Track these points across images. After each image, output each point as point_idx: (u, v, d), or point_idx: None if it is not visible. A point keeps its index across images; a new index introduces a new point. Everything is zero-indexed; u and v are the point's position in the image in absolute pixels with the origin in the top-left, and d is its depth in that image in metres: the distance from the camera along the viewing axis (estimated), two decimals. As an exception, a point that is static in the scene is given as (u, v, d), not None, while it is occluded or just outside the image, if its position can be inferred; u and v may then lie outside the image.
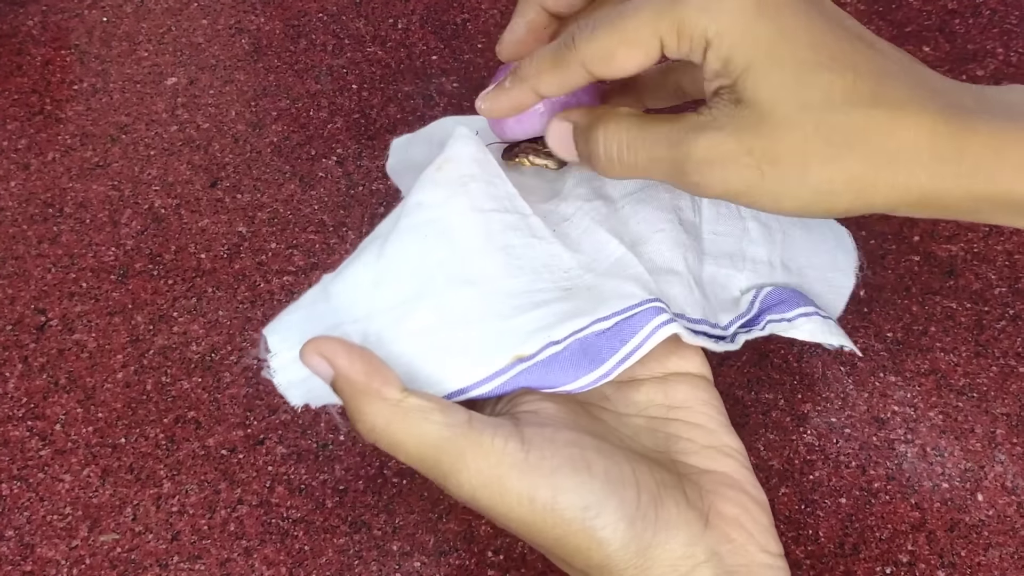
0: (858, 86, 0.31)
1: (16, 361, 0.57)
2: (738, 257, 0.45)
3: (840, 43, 0.31)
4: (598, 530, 0.30)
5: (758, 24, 0.31)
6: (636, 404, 0.39)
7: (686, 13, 0.31)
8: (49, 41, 0.75)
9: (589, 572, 0.31)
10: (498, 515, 0.31)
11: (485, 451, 0.31)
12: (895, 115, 0.30)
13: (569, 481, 0.30)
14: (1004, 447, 0.51)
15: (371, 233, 0.41)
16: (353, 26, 0.76)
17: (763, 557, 0.33)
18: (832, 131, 0.30)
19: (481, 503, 0.31)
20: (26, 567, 0.49)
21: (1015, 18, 0.72)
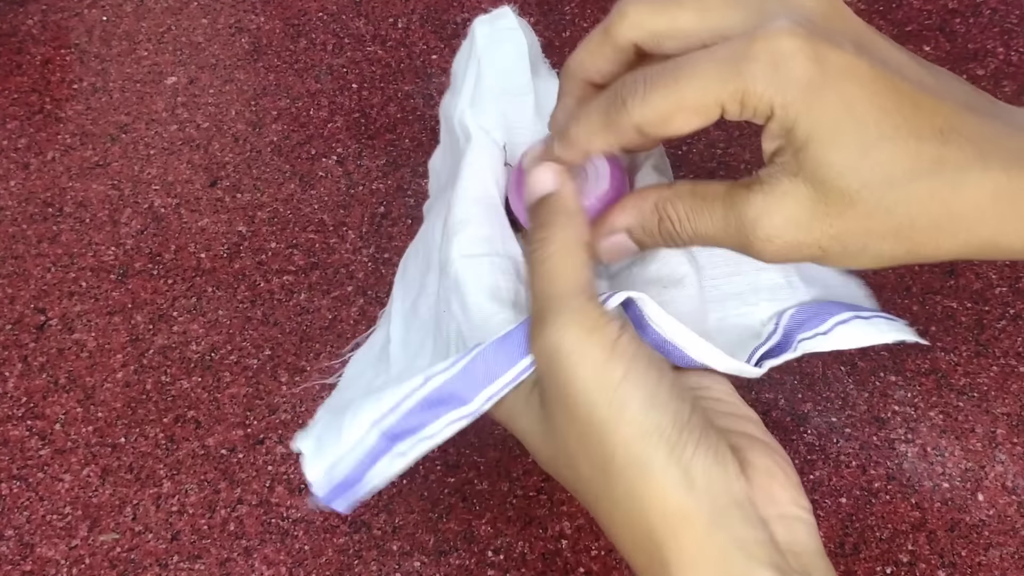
0: (921, 154, 0.31)
1: (16, 360, 0.57)
2: (748, 293, 0.43)
3: (903, 107, 0.31)
4: (651, 424, 0.30)
5: (823, 97, 0.30)
6: None
7: (751, 83, 0.31)
8: (49, 40, 0.75)
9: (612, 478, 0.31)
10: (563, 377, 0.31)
11: (592, 317, 0.32)
12: (958, 180, 0.31)
13: (642, 370, 0.31)
14: (1005, 447, 0.51)
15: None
16: (353, 25, 0.76)
17: (795, 509, 0.32)
18: (895, 206, 0.31)
19: (561, 359, 0.31)
20: (26, 567, 0.49)
21: (1015, 17, 0.72)
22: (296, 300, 0.59)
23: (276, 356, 0.57)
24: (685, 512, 0.30)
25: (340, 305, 0.59)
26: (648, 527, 0.30)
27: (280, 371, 0.56)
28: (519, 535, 0.49)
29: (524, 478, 0.52)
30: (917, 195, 0.31)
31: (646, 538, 0.30)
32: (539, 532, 0.49)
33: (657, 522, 0.30)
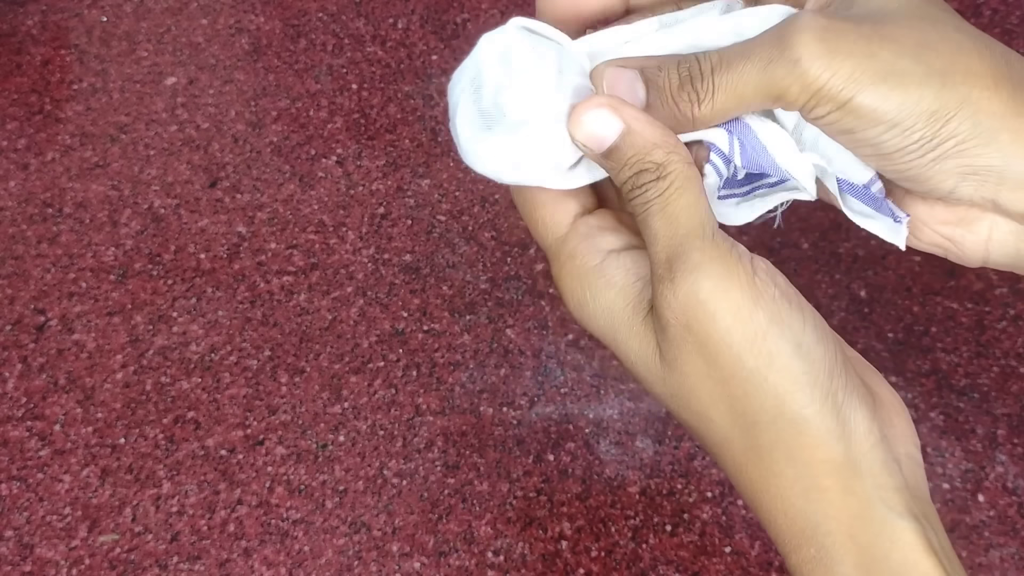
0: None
1: (15, 361, 0.57)
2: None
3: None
4: (800, 372, 0.29)
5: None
6: None
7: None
8: (48, 41, 0.75)
9: (762, 429, 0.29)
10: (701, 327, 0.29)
11: (723, 254, 0.29)
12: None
13: (786, 314, 0.29)
14: (1005, 448, 0.51)
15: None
16: (353, 26, 0.75)
17: (914, 449, 0.32)
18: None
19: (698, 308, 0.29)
20: (25, 567, 0.49)
21: (1016, 18, 0.72)
22: (296, 301, 0.59)
23: (276, 356, 0.57)
24: (836, 462, 0.29)
25: (340, 305, 0.59)
26: (794, 476, 0.29)
27: (280, 371, 0.56)
28: (519, 536, 0.49)
29: (524, 479, 0.52)
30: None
31: (790, 489, 0.29)
32: (539, 533, 0.49)
33: (804, 472, 0.29)
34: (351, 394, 0.55)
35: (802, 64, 0.27)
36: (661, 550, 0.50)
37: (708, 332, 0.29)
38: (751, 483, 0.31)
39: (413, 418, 0.55)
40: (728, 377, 0.29)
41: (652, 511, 0.51)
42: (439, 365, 0.57)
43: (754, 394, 0.29)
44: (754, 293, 0.29)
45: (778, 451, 0.29)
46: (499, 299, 0.59)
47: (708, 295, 0.29)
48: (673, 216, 0.30)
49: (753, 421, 0.29)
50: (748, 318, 0.29)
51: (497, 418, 0.55)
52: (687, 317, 0.29)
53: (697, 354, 0.29)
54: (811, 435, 0.29)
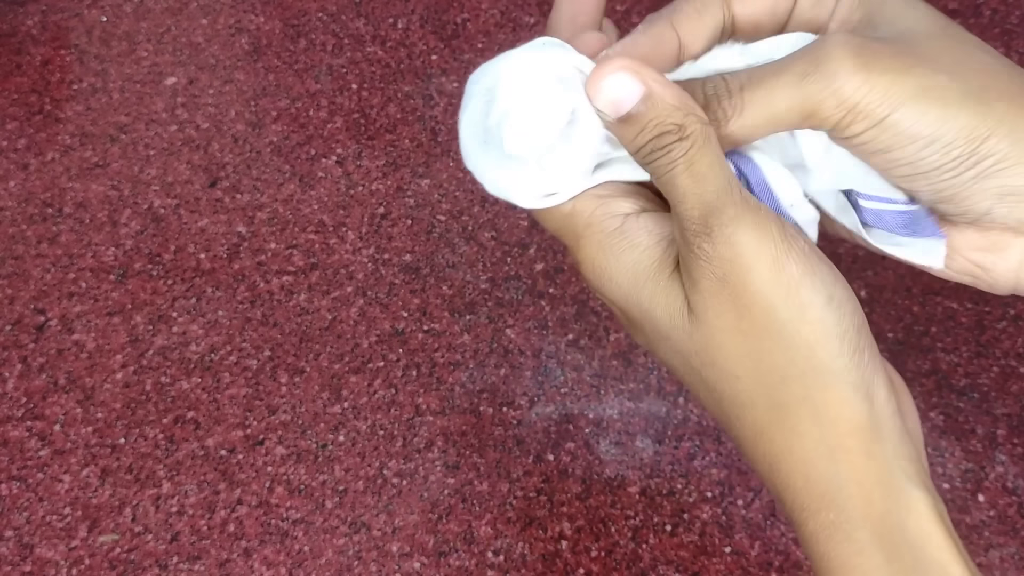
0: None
1: (15, 361, 0.57)
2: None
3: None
4: (832, 324, 0.29)
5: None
6: None
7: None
8: (48, 41, 0.75)
9: (789, 385, 0.30)
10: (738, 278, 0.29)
11: (754, 209, 0.29)
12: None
13: (817, 267, 0.30)
14: (1005, 448, 0.51)
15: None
16: (353, 26, 0.75)
17: (920, 432, 0.33)
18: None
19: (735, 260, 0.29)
20: (25, 567, 0.49)
21: (1016, 18, 0.72)
22: (296, 301, 0.59)
23: (276, 356, 0.57)
24: (860, 423, 0.29)
25: (340, 305, 0.59)
26: (819, 436, 0.29)
27: (280, 371, 0.56)
28: (519, 536, 0.49)
29: (524, 479, 0.52)
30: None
31: (814, 449, 0.30)
32: (539, 533, 0.49)
33: (830, 431, 0.29)
34: (351, 394, 0.55)
35: (839, 79, 0.27)
36: (661, 550, 0.50)
37: (744, 283, 0.29)
38: (771, 444, 0.30)
39: (413, 418, 0.55)
40: (760, 329, 0.29)
41: (652, 511, 0.51)
42: (439, 365, 0.57)
43: (785, 346, 0.29)
44: (787, 246, 0.29)
45: (804, 408, 0.29)
46: (499, 299, 0.59)
47: (745, 247, 0.29)
48: (700, 174, 0.30)
49: (781, 376, 0.30)
50: (783, 269, 0.29)
51: (497, 418, 0.55)
52: (724, 270, 0.29)
53: (730, 307, 0.29)
54: (839, 390, 0.29)
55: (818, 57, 0.28)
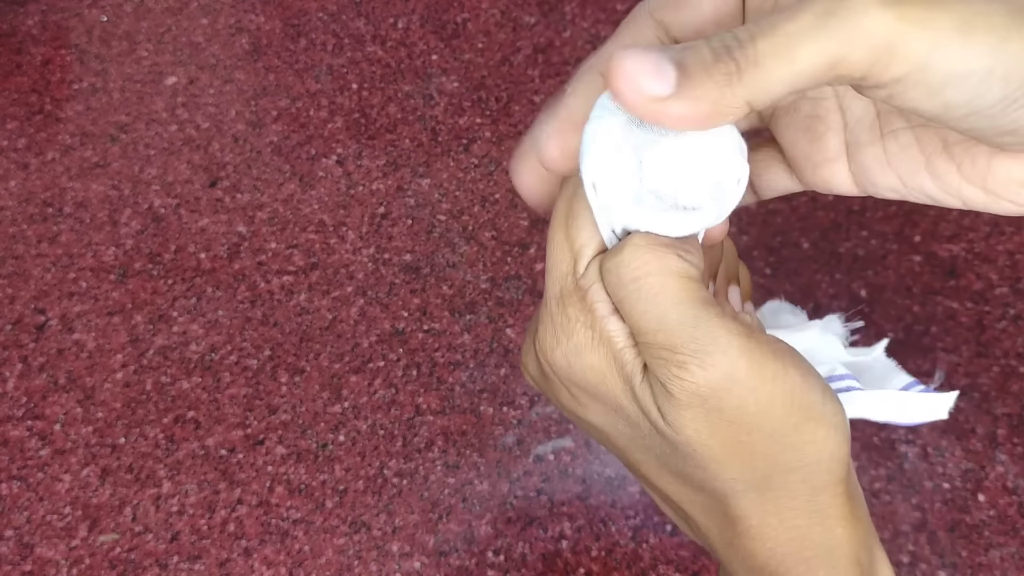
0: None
1: (16, 361, 0.57)
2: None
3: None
4: (831, 416, 0.29)
5: None
6: None
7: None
8: (48, 40, 0.75)
9: (792, 474, 0.30)
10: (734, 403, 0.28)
11: (735, 327, 0.28)
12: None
13: (802, 363, 0.29)
14: (1005, 447, 0.51)
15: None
16: (353, 25, 0.75)
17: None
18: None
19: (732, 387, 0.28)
20: (25, 567, 0.49)
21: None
22: (296, 300, 0.59)
23: (276, 356, 0.57)
24: (846, 489, 0.30)
25: (340, 305, 0.59)
26: (813, 506, 0.30)
27: (280, 371, 0.56)
28: (519, 536, 0.49)
29: (524, 479, 0.52)
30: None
31: (807, 516, 0.30)
32: (539, 533, 0.49)
33: (823, 500, 0.30)
34: (351, 394, 0.55)
35: (868, 16, 0.23)
36: (661, 550, 0.50)
37: (745, 407, 0.28)
38: (761, 519, 0.30)
39: (413, 418, 0.55)
40: (765, 438, 0.29)
41: (652, 511, 0.51)
42: (439, 365, 0.57)
43: (792, 447, 0.29)
44: (779, 354, 0.28)
45: (803, 486, 0.29)
46: (499, 299, 0.59)
47: (745, 374, 0.27)
48: (663, 305, 0.28)
49: (786, 468, 0.29)
50: (783, 383, 0.28)
51: (497, 418, 0.55)
52: (718, 398, 0.28)
53: (727, 426, 0.28)
54: (837, 471, 0.29)
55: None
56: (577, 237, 0.30)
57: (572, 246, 0.30)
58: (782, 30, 0.24)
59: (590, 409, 0.32)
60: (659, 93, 0.25)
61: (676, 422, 0.29)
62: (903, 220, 0.60)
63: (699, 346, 0.27)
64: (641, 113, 0.25)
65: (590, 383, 0.31)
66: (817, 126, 0.32)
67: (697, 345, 0.27)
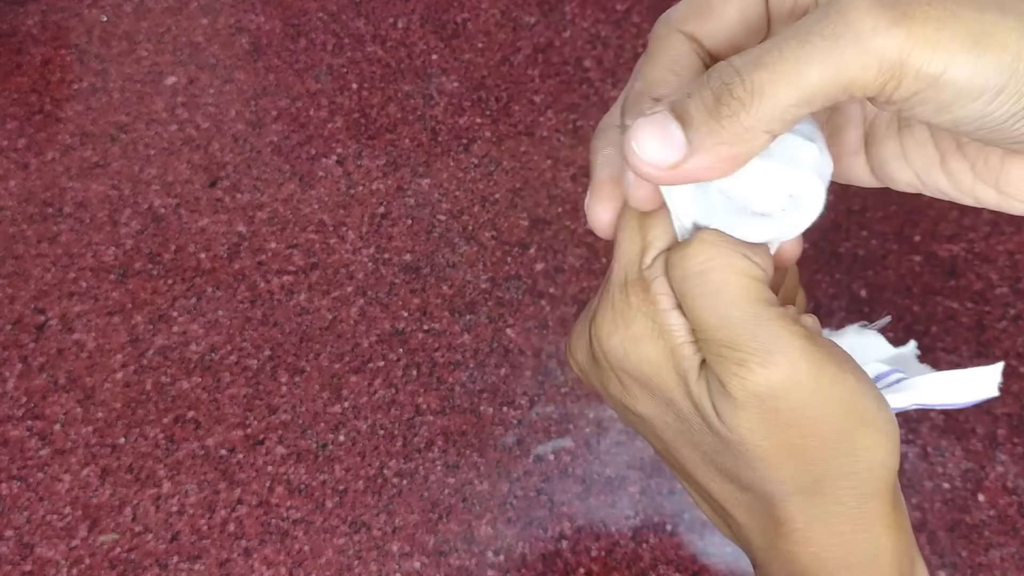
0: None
1: (16, 361, 0.57)
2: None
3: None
4: (884, 423, 0.29)
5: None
6: None
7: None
8: (48, 40, 0.75)
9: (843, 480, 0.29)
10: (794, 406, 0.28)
11: (797, 331, 0.27)
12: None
13: (858, 368, 0.29)
14: (1005, 447, 0.51)
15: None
16: (353, 25, 0.75)
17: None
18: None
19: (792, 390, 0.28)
20: (25, 567, 0.49)
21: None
22: (296, 300, 0.59)
23: (276, 356, 0.57)
24: (892, 498, 0.30)
25: (340, 305, 0.59)
26: (858, 510, 0.29)
27: (280, 371, 0.56)
28: (519, 536, 0.49)
29: (524, 479, 0.52)
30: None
31: (852, 522, 0.30)
32: (539, 533, 0.49)
33: (870, 507, 0.29)
34: (351, 394, 0.55)
35: (877, 37, 0.22)
36: (661, 550, 0.50)
37: (803, 410, 0.28)
38: (807, 524, 0.30)
39: (413, 418, 0.55)
40: (820, 442, 0.28)
41: (652, 511, 0.51)
42: (439, 365, 0.57)
43: (845, 452, 0.29)
44: (838, 359, 0.28)
45: (852, 492, 0.29)
46: (499, 299, 0.59)
47: (805, 376, 0.27)
48: (724, 300, 0.27)
49: (837, 474, 0.29)
50: (841, 387, 0.28)
51: (497, 418, 0.55)
52: (776, 399, 0.28)
53: (784, 428, 0.28)
54: (886, 479, 0.29)
55: (845, 15, 0.23)
56: (651, 229, 0.30)
57: (644, 236, 0.30)
58: (791, 57, 0.23)
59: (640, 400, 0.32)
60: (674, 160, 0.25)
61: (731, 421, 0.29)
62: (903, 220, 0.60)
63: (761, 345, 0.27)
64: (665, 182, 0.26)
65: (644, 374, 0.30)
66: (837, 119, 0.32)
67: (759, 344, 0.27)
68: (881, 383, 0.40)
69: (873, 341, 0.41)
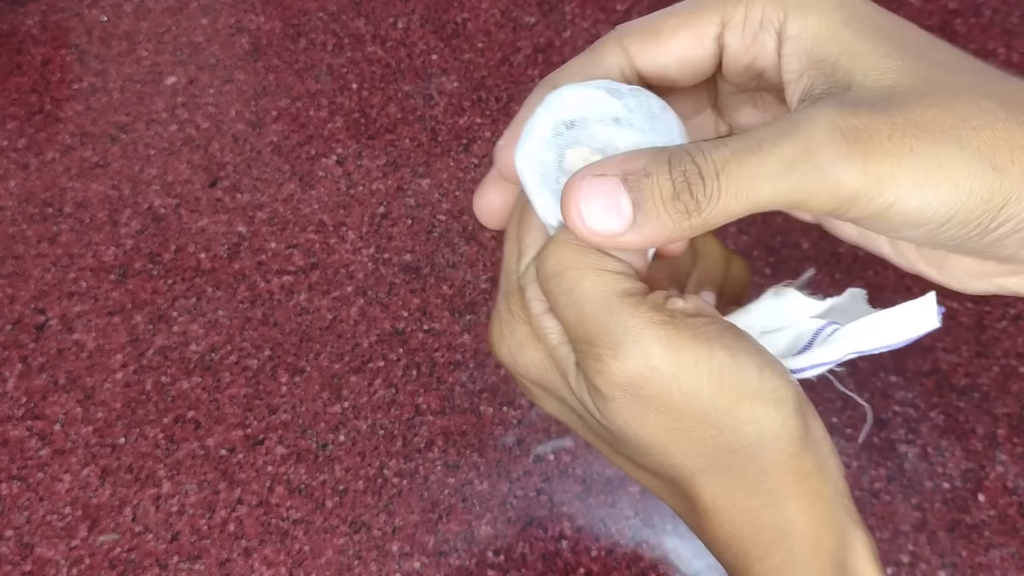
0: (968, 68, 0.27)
1: (16, 361, 0.57)
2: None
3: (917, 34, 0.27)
4: (769, 393, 0.28)
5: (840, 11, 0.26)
6: None
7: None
8: (48, 40, 0.75)
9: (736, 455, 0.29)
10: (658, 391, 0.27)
11: (653, 313, 0.27)
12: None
13: (739, 343, 0.28)
14: (1005, 447, 0.51)
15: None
16: (353, 25, 0.75)
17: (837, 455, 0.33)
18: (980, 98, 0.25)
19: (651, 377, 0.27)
20: (26, 567, 0.49)
21: (1016, 17, 0.72)
22: (296, 300, 0.59)
23: (276, 356, 0.57)
24: (806, 469, 0.29)
25: (340, 305, 0.59)
26: (766, 488, 0.29)
27: (280, 371, 0.56)
28: (519, 536, 0.49)
29: (524, 479, 0.52)
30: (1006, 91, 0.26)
31: (760, 499, 0.29)
32: (539, 533, 0.49)
33: (778, 481, 0.29)
34: (351, 394, 0.56)
35: (835, 170, 0.23)
36: (661, 550, 0.50)
37: (669, 394, 0.27)
38: (714, 502, 0.30)
39: (413, 418, 0.55)
40: (698, 423, 0.28)
41: (652, 511, 0.51)
42: (439, 365, 0.57)
43: (729, 428, 0.28)
44: (704, 337, 0.27)
45: (750, 466, 0.29)
46: (499, 299, 0.59)
47: (661, 361, 0.27)
48: (581, 299, 0.28)
49: (728, 450, 0.29)
50: (708, 365, 0.27)
51: (497, 418, 0.55)
52: (637, 388, 0.28)
53: (655, 414, 0.28)
54: (785, 449, 0.28)
55: (807, 142, 0.24)
56: (525, 236, 0.30)
57: (520, 243, 0.30)
58: (749, 171, 0.24)
59: (543, 400, 0.32)
60: (613, 231, 0.26)
61: (606, 413, 0.29)
62: (903, 220, 0.60)
63: (611, 337, 0.27)
64: (595, 244, 0.27)
65: (535, 376, 0.31)
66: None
67: (609, 336, 0.27)
68: (819, 339, 0.39)
69: (795, 299, 0.39)
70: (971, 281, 0.30)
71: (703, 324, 0.28)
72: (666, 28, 0.29)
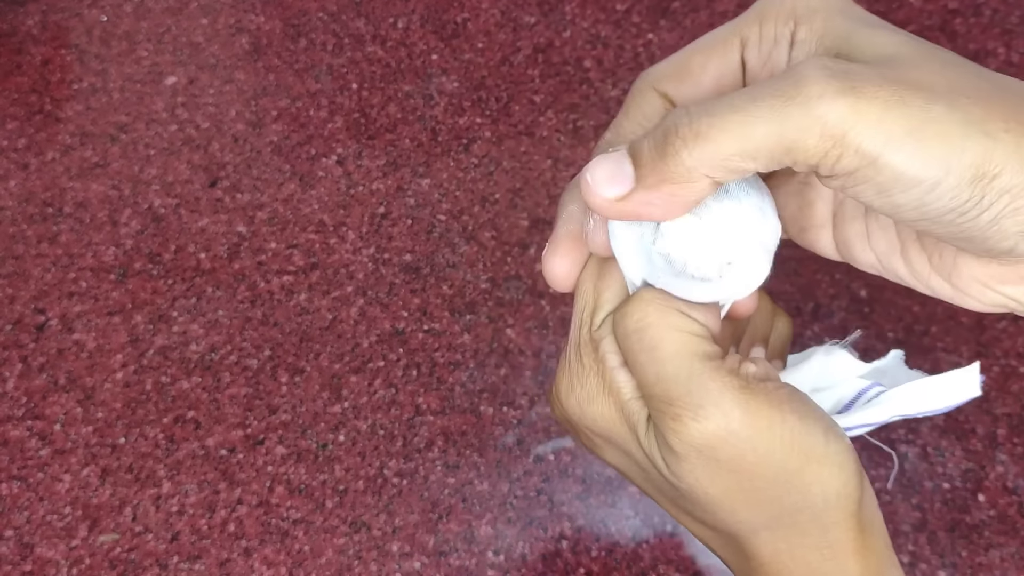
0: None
1: (16, 361, 0.57)
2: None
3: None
4: (834, 455, 0.29)
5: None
6: None
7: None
8: (48, 40, 0.75)
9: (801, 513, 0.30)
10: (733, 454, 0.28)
11: (730, 378, 0.28)
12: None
13: (806, 406, 0.29)
14: (1005, 447, 0.51)
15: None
16: (353, 25, 0.75)
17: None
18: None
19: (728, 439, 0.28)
20: (26, 567, 0.49)
21: (1016, 17, 0.72)
22: (296, 300, 0.59)
23: (276, 356, 0.57)
24: (858, 522, 0.30)
25: (340, 305, 0.59)
26: (821, 540, 0.30)
27: (280, 371, 0.56)
28: (519, 536, 0.49)
29: (524, 479, 0.52)
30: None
31: (815, 550, 0.31)
32: (539, 533, 0.49)
33: (833, 534, 0.30)
34: (351, 394, 0.56)
35: (823, 103, 0.23)
36: (661, 550, 0.50)
37: (743, 456, 0.28)
38: (774, 556, 0.31)
39: (413, 418, 0.55)
40: (769, 483, 0.29)
41: (652, 510, 0.51)
42: (439, 365, 0.57)
43: (797, 488, 0.29)
44: (776, 402, 0.28)
45: (813, 524, 0.30)
46: (499, 299, 0.59)
47: (739, 425, 0.28)
48: (662, 358, 0.28)
49: (793, 508, 0.30)
50: (780, 429, 0.28)
51: (497, 418, 0.55)
52: (713, 449, 0.28)
53: (727, 474, 0.29)
54: (846, 508, 0.30)
55: (797, 80, 0.23)
56: (604, 290, 0.31)
57: (597, 297, 0.31)
58: (740, 111, 0.24)
59: (606, 452, 0.33)
60: (620, 192, 0.27)
61: (677, 471, 0.30)
62: (903, 220, 0.60)
63: (693, 399, 0.28)
64: (614, 215, 0.27)
65: (602, 429, 0.32)
66: (808, 193, 0.34)
67: (691, 398, 0.28)
68: (862, 399, 0.40)
69: (844, 359, 0.41)
70: (980, 290, 0.30)
71: (774, 389, 0.29)
72: (695, 65, 0.29)
